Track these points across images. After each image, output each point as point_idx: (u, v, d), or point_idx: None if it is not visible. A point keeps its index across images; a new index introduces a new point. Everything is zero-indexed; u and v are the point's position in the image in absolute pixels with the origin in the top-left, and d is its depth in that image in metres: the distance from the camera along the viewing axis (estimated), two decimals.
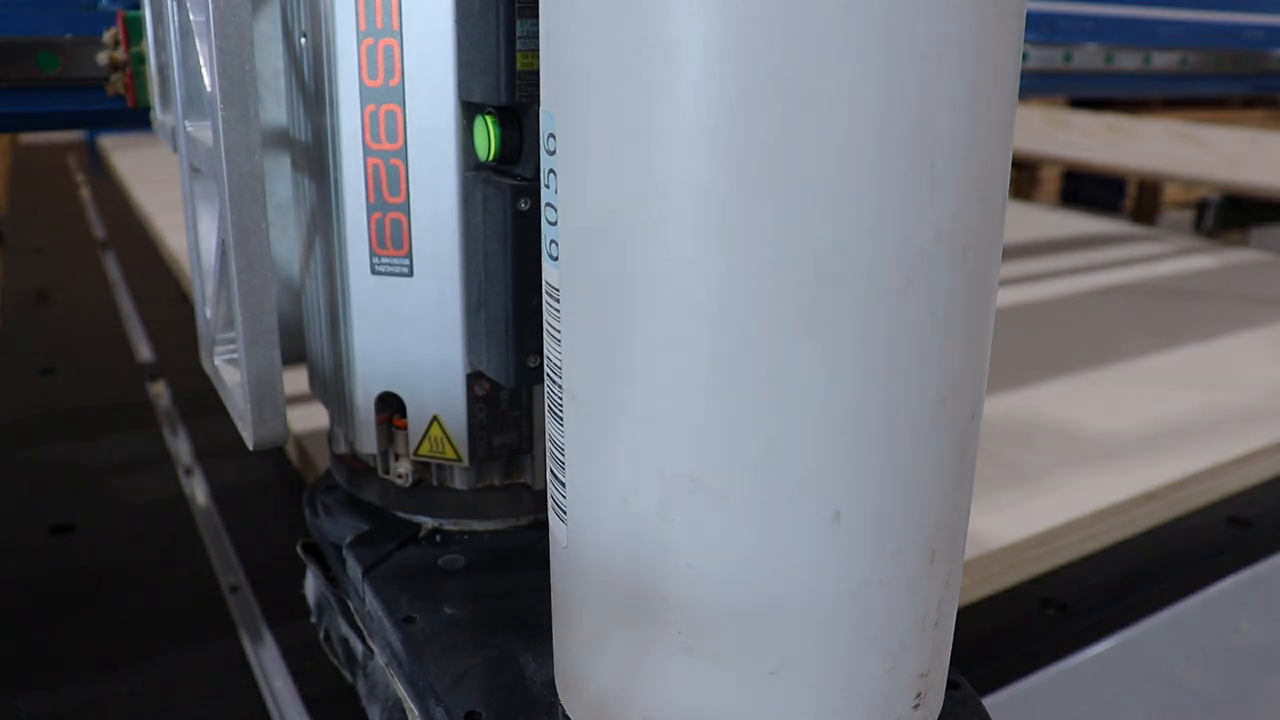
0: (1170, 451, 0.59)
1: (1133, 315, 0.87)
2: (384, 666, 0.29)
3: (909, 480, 0.18)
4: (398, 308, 0.28)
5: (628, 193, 0.17)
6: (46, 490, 0.57)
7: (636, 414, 0.18)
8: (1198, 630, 0.49)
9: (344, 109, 0.27)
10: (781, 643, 0.18)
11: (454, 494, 0.31)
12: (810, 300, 0.17)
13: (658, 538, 0.18)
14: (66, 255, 1.10)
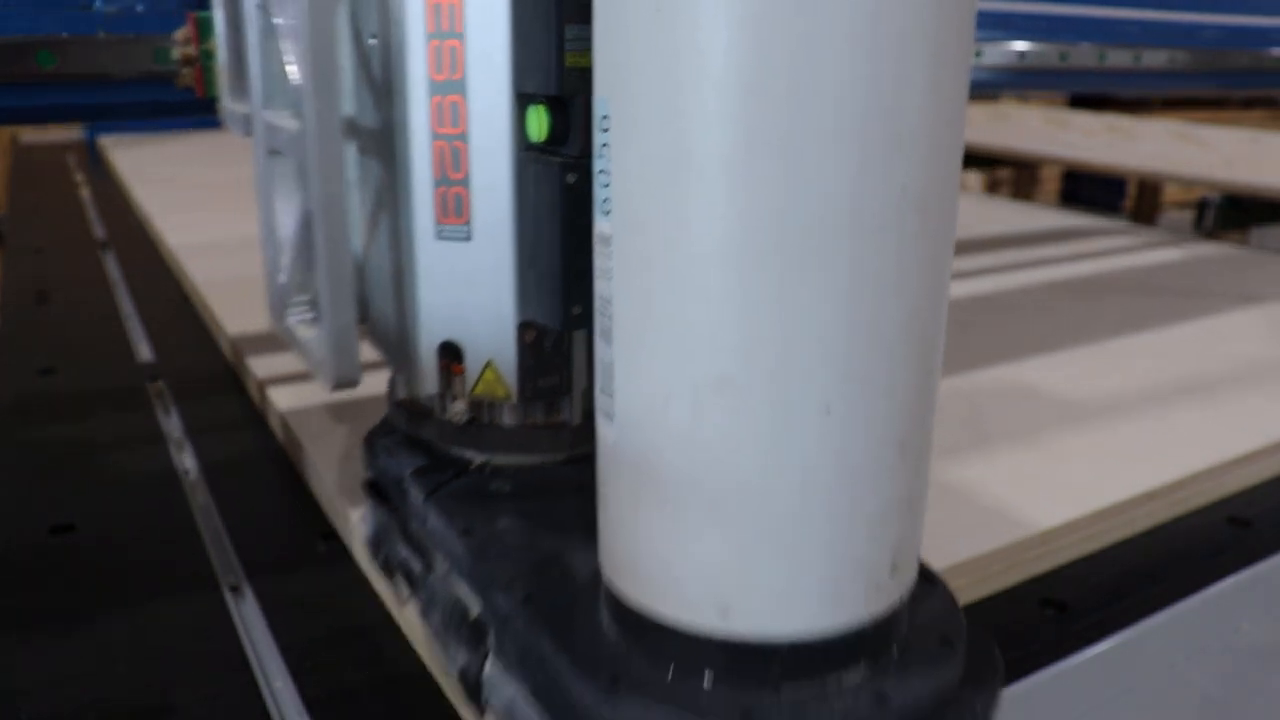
0: (1170, 451, 0.59)
1: (1134, 314, 0.87)
2: (445, 576, 0.34)
3: (883, 383, 0.24)
4: (458, 268, 0.32)
5: (666, 159, 0.23)
6: (46, 486, 0.57)
7: (673, 334, 0.24)
8: (1198, 630, 0.49)
9: (413, 99, 0.31)
10: (789, 512, 0.24)
11: (502, 431, 0.35)
12: (807, 241, 0.23)
13: (691, 432, 0.24)
14: (66, 255, 1.10)
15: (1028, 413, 0.65)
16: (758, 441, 0.24)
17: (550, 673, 0.27)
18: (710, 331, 0.23)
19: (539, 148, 0.31)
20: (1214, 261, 1.09)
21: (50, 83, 0.43)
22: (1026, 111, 3.11)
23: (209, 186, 1.39)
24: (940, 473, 0.57)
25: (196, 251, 1.00)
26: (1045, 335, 0.81)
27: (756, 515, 0.24)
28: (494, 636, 0.30)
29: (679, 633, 0.25)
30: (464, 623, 0.33)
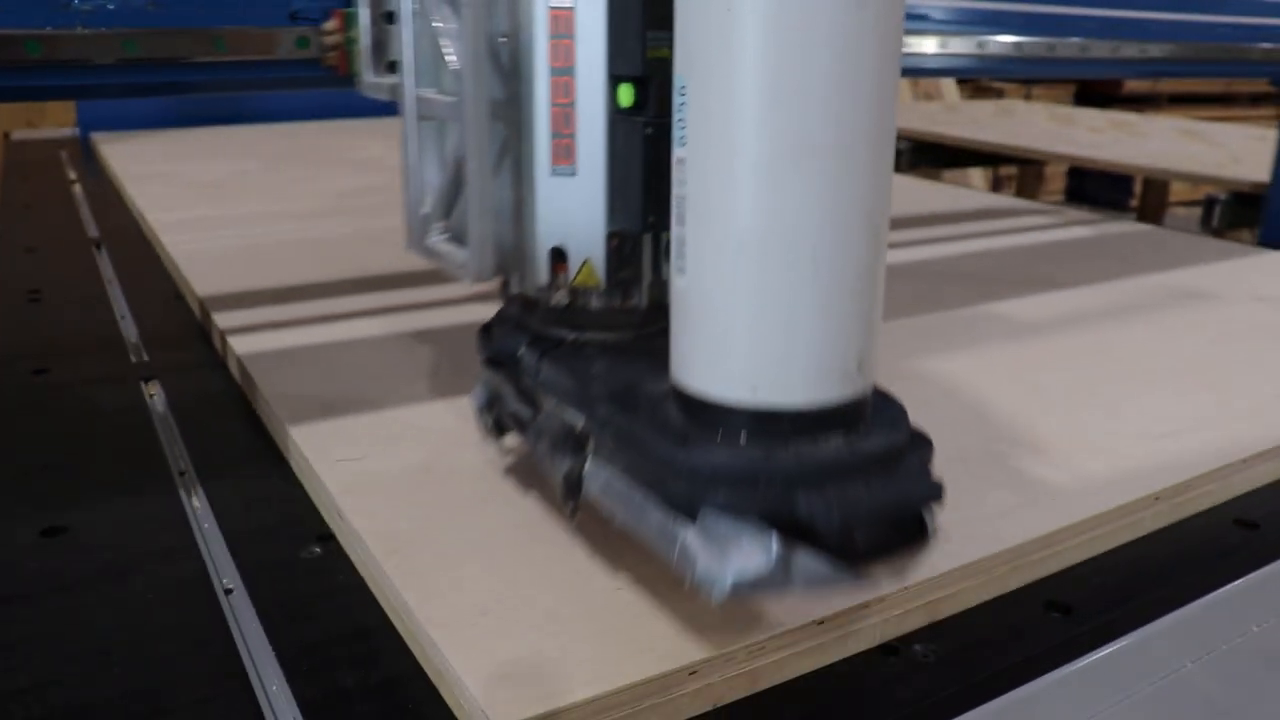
0: (1176, 452, 0.59)
1: (1136, 313, 0.87)
2: (552, 412, 0.46)
3: (848, 245, 0.37)
4: (565, 195, 0.45)
5: (719, 112, 0.36)
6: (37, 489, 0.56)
7: (721, 214, 0.37)
8: (1206, 633, 0.48)
9: (538, 80, 0.44)
10: (791, 325, 0.37)
11: (591, 313, 0.48)
12: (802, 158, 0.35)
13: (731, 275, 0.37)
14: (59, 254, 1.10)
15: (1030, 413, 0.64)
16: (768, 280, 0.37)
17: (638, 447, 0.40)
18: (742, 212, 0.36)
19: (626, 112, 0.44)
20: (1220, 258, 1.08)
21: (36, 67, 0.54)
22: (1031, 108, 3.09)
23: (200, 182, 1.39)
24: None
25: (173, 228, 1.01)
26: (1045, 335, 0.81)
27: (771, 327, 0.37)
28: (594, 441, 0.43)
29: (723, 406, 0.38)
30: (569, 439, 0.45)
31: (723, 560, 0.36)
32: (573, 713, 0.37)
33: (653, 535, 0.39)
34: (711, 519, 0.37)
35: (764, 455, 0.37)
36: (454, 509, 0.51)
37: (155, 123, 1.97)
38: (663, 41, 0.41)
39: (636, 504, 0.40)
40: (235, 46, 0.60)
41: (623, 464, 0.41)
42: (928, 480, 0.41)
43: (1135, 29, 1.05)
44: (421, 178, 0.49)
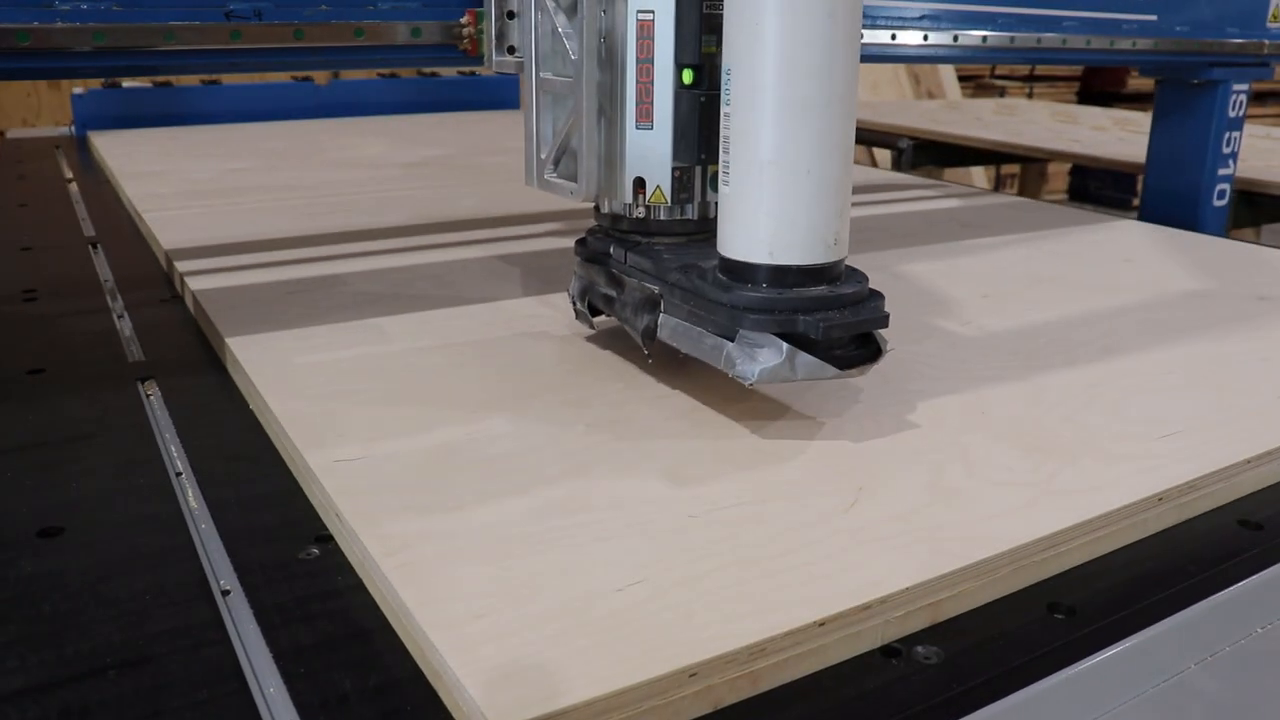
0: (1179, 452, 0.58)
1: (1140, 312, 0.86)
2: (634, 289, 0.67)
3: (831, 162, 0.56)
4: (645, 142, 0.65)
5: (750, 82, 0.55)
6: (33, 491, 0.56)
7: (751, 145, 0.56)
8: (1210, 635, 0.48)
9: (628, 66, 0.64)
10: (794, 212, 0.56)
11: (660, 222, 0.68)
12: (800, 110, 0.54)
13: (756, 182, 0.56)
14: (55, 253, 1.10)
15: (1034, 413, 0.64)
16: (780, 186, 0.56)
17: (697, 297, 0.60)
18: (764, 144, 0.56)
19: (687, 87, 0.63)
20: (1222, 258, 1.08)
21: (25, 53, 0.69)
22: (1034, 106, 3.09)
23: (199, 180, 1.39)
24: (946, 471, 0.56)
25: (171, 226, 1.01)
26: (1048, 335, 0.80)
27: (781, 214, 0.56)
28: (665, 301, 0.63)
29: (751, 265, 0.58)
30: (647, 303, 0.65)
31: (752, 360, 0.56)
32: (572, 714, 0.37)
33: (706, 351, 0.59)
34: (744, 335, 0.57)
35: (777, 295, 0.57)
36: (453, 510, 0.51)
37: (153, 122, 1.97)
38: (710, 42, 0.62)
39: (695, 335, 0.61)
40: (374, 35, 0.79)
41: (685, 313, 0.62)
42: (880, 314, 0.59)
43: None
44: (537, 134, 0.71)
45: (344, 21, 0.78)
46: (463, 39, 0.79)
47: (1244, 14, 1.33)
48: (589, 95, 0.65)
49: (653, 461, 0.57)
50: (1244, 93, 1.39)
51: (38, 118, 2.75)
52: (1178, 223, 1.32)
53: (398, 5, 0.79)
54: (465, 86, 2.35)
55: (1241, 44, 1.34)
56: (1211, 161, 1.40)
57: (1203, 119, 1.39)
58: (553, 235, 1.12)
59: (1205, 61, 1.34)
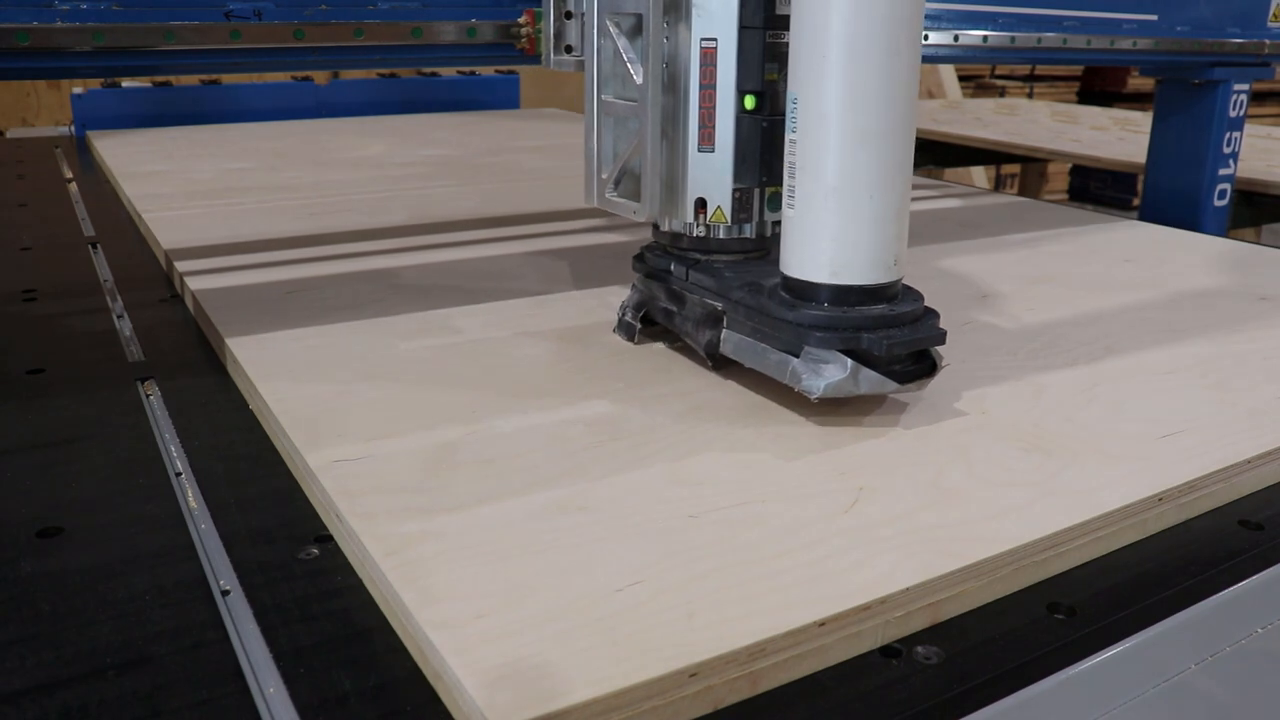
0: (1179, 452, 0.58)
1: (1140, 312, 0.86)
2: (696, 304, 0.69)
3: (892, 188, 0.59)
4: (706, 164, 0.67)
5: (815, 112, 0.58)
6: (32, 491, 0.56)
7: (816, 171, 0.59)
8: (1210, 635, 0.48)
9: (692, 91, 0.66)
10: (857, 235, 0.59)
11: (719, 241, 0.70)
12: (862, 140, 0.57)
13: (821, 208, 0.59)
14: (55, 253, 1.10)
15: (1035, 412, 0.64)
16: (844, 210, 0.58)
17: (762, 314, 0.63)
18: (829, 170, 0.58)
19: (749, 112, 0.66)
20: (1224, 257, 1.08)
21: (24, 52, 0.70)
22: (1034, 106, 3.09)
23: (198, 180, 1.39)
24: (946, 471, 0.56)
25: (170, 225, 1.01)
26: (1050, 335, 0.80)
27: (844, 237, 0.59)
28: (728, 317, 0.66)
29: (815, 284, 0.60)
30: (710, 318, 0.68)
31: (817, 375, 0.59)
32: (572, 715, 0.37)
33: (770, 367, 0.62)
34: (809, 352, 0.60)
35: (841, 313, 0.60)
36: (453, 510, 0.51)
37: (153, 122, 1.97)
38: (772, 69, 0.65)
39: (759, 351, 0.63)
40: (431, 34, 0.83)
41: (749, 329, 0.64)
42: (938, 332, 0.62)
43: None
44: (598, 154, 0.72)
45: (401, 21, 0.81)
46: (521, 38, 0.83)
47: (1244, 14, 1.33)
48: (654, 119, 0.66)
49: (653, 461, 0.57)
50: (1245, 93, 1.39)
51: (37, 117, 2.75)
52: (1178, 222, 1.32)
53: (452, 5, 0.83)
54: (465, 86, 2.35)
55: (1242, 44, 1.34)
56: (1212, 161, 1.40)
57: (1203, 119, 1.39)
58: (557, 235, 1.12)
59: (1206, 61, 1.34)
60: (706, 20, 0.64)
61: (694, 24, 0.64)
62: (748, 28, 0.64)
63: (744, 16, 0.64)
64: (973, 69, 4.47)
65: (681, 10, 0.65)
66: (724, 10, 0.64)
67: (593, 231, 1.14)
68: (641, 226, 0.87)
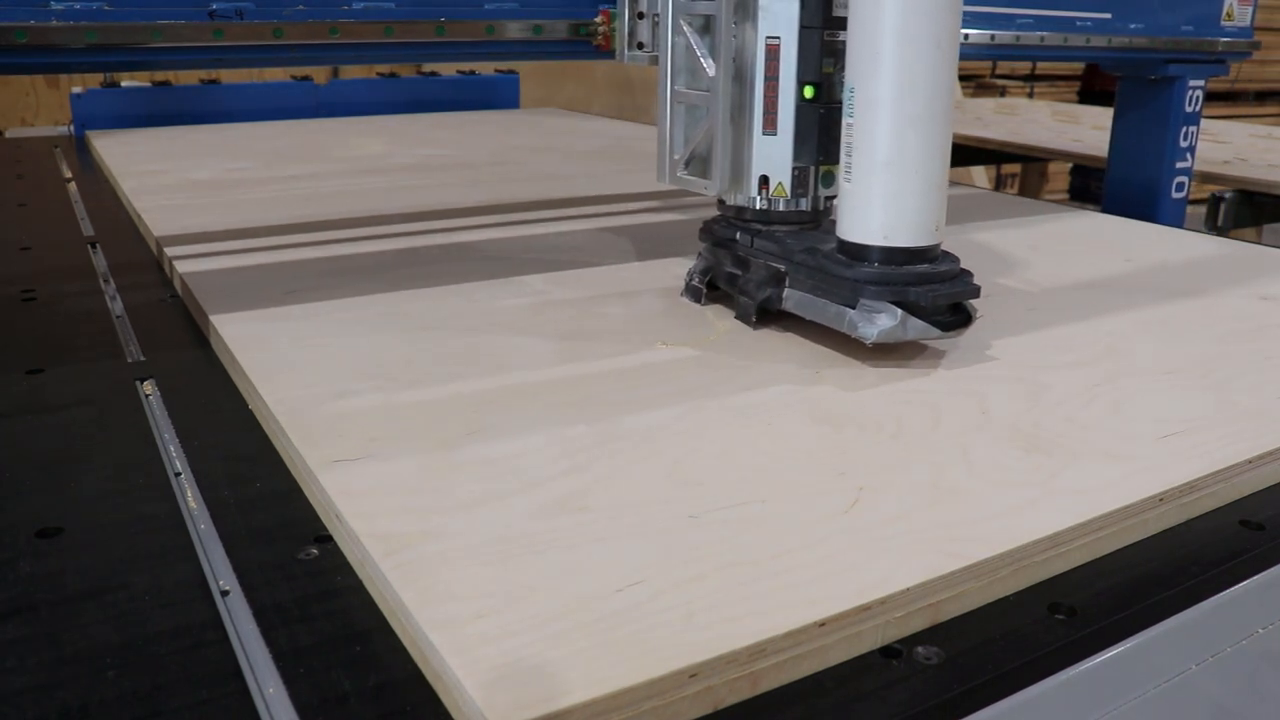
0: (1180, 452, 0.58)
1: (1141, 312, 0.86)
2: (759, 267, 0.79)
3: (936, 163, 0.68)
4: (769, 146, 0.76)
5: (868, 98, 0.67)
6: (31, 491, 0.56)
7: (870, 150, 0.68)
8: (1211, 636, 0.48)
9: (757, 82, 0.75)
10: (908, 202, 0.69)
11: (780, 213, 0.79)
12: (912, 123, 0.67)
13: (876, 179, 0.68)
14: (54, 252, 1.10)
15: (1035, 412, 0.64)
16: (893, 183, 0.67)
17: (823, 273, 0.72)
18: (881, 149, 0.67)
19: (808, 101, 0.75)
20: (1225, 257, 1.08)
21: (22, 48, 0.73)
22: (1034, 105, 3.09)
23: (197, 179, 1.39)
24: (946, 471, 0.56)
25: (169, 224, 1.00)
26: (1051, 334, 0.80)
27: (894, 205, 0.68)
28: (790, 278, 0.76)
29: (868, 246, 0.69)
30: (771, 279, 0.77)
31: (871, 323, 0.68)
32: (572, 715, 0.37)
33: (829, 318, 0.72)
34: (864, 304, 0.69)
35: (892, 270, 0.69)
36: (453, 510, 0.51)
37: (152, 121, 1.97)
38: (829, 63, 0.74)
39: (819, 305, 0.73)
40: (502, 32, 0.88)
41: (809, 286, 0.74)
42: (973, 287, 0.71)
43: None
44: (670, 139, 0.81)
45: (473, 20, 0.87)
46: (597, 35, 0.89)
47: (1198, 13, 1.38)
48: (724, 107, 0.75)
49: (653, 461, 0.56)
50: (1200, 88, 1.44)
51: (36, 117, 2.75)
52: (1137, 214, 1.37)
53: (527, 5, 0.89)
54: (465, 86, 2.35)
55: (1196, 41, 1.38)
56: (1170, 155, 1.45)
57: (1161, 114, 1.44)
58: (557, 220, 1.12)
59: (1161, 59, 1.38)
60: (771, 21, 0.74)
61: (760, 24, 0.74)
62: (807, 27, 0.73)
63: (804, 18, 0.73)
64: (973, 68, 4.46)
65: (749, 11, 0.74)
66: (786, 12, 0.73)
67: (569, 221, 1.14)
68: (637, 212, 0.88)
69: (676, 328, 0.80)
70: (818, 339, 0.77)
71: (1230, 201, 1.65)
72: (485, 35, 0.87)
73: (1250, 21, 1.43)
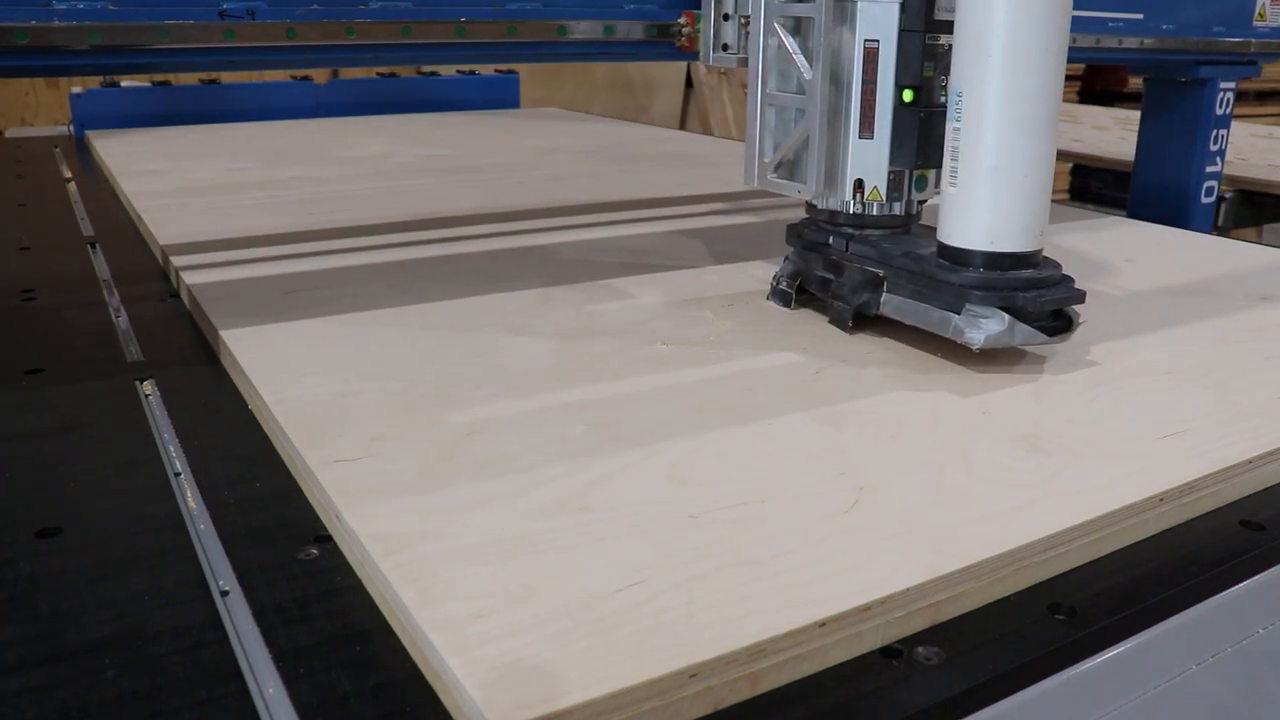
0: (1180, 452, 0.58)
1: (1141, 312, 0.86)
2: (855, 271, 0.78)
3: (1042, 166, 0.68)
4: (865, 149, 0.76)
5: (976, 105, 0.67)
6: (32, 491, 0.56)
7: (976, 155, 0.68)
8: (1211, 636, 0.48)
9: (854, 86, 0.75)
10: (1012, 207, 0.68)
11: (874, 217, 0.79)
12: (1019, 126, 0.67)
13: (984, 184, 0.68)
14: (54, 252, 1.10)
15: (1035, 412, 0.64)
16: (999, 188, 0.67)
17: (925, 278, 0.72)
18: (986, 154, 0.67)
19: (908, 105, 0.74)
20: (1226, 257, 1.08)
21: (22, 50, 0.71)
22: None
23: (197, 179, 1.39)
24: (946, 471, 0.56)
25: (168, 224, 1.01)
26: None
27: (1000, 210, 0.68)
28: (888, 282, 0.75)
29: (974, 251, 0.69)
30: (869, 283, 0.77)
31: (978, 329, 0.68)
32: (572, 715, 0.37)
33: (933, 323, 0.71)
34: (970, 309, 0.69)
35: (998, 276, 0.69)
36: (453, 510, 0.51)
37: (152, 121, 1.97)
38: (929, 67, 0.73)
39: (921, 310, 0.72)
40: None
41: (909, 291, 0.73)
42: (1077, 293, 0.71)
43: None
44: (760, 141, 0.82)
45: (551, 20, 0.87)
46: (681, 37, 0.89)
47: (1230, 13, 1.35)
48: (821, 110, 0.75)
49: (653, 461, 0.56)
50: (1231, 90, 1.40)
51: (36, 117, 2.75)
52: (1166, 219, 1.34)
53: (607, 6, 0.90)
54: (465, 86, 2.35)
55: (1229, 43, 1.35)
56: (1199, 159, 1.42)
57: (1190, 117, 1.41)
58: (553, 230, 1.12)
59: (1192, 60, 1.36)
60: (870, 24, 0.73)
61: (858, 27, 0.74)
62: (908, 31, 0.73)
63: (905, 21, 0.73)
64: None
65: (846, 14, 0.74)
66: (886, 15, 0.73)
67: (551, 230, 1.14)
68: (628, 222, 0.86)
69: (677, 327, 0.80)
70: (818, 338, 0.76)
71: (1230, 201, 1.65)
72: (556, 36, 0.87)
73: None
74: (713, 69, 3.09)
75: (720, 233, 1.14)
